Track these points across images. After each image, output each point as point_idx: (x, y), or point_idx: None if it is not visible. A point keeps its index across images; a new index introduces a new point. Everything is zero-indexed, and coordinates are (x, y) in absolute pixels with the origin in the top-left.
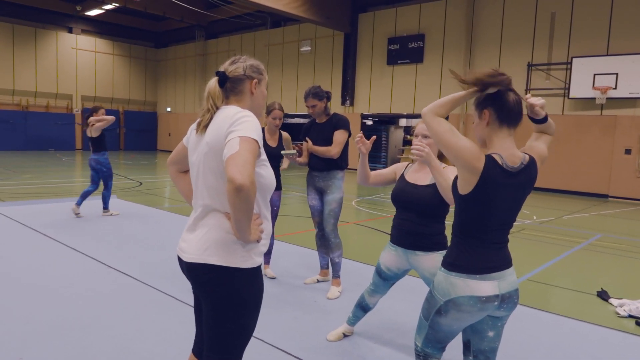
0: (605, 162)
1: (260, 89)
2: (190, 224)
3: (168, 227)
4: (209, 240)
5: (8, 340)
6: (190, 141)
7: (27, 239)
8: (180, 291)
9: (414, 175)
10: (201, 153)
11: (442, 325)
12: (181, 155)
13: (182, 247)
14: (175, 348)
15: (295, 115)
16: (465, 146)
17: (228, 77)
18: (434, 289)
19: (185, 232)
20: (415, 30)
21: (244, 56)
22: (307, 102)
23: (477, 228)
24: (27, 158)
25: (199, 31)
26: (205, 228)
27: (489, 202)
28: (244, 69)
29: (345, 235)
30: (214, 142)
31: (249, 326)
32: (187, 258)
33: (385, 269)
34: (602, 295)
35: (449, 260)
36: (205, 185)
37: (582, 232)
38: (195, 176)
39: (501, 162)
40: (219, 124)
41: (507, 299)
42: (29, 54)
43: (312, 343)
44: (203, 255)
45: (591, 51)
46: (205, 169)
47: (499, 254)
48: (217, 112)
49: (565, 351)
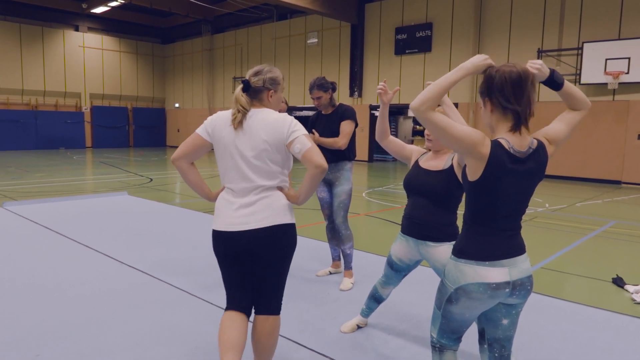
0: (618, 148)
1: (276, 96)
2: (242, 203)
3: (180, 223)
4: (276, 207)
5: (25, 337)
6: (220, 136)
7: (41, 237)
8: (194, 286)
9: (428, 162)
10: (257, 148)
11: (454, 314)
12: (197, 148)
13: (242, 221)
14: (190, 342)
15: (304, 108)
16: (468, 134)
17: (250, 86)
18: (444, 277)
19: (235, 211)
20: (423, 19)
21: (266, 67)
22: (313, 94)
23: (486, 215)
24: (38, 157)
25: (205, 26)
26: (267, 200)
27: (497, 188)
28: (263, 81)
29: (356, 227)
30: (273, 140)
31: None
32: (258, 225)
33: (397, 260)
34: (618, 282)
35: (459, 247)
36: (261, 171)
37: (595, 219)
38: (244, 164)
39: (508, 147)
40: (273, 125)
41: (518, 286)
42: (37, 53)
43: (326, 335)
44: (278, 218)
45: (602, 35)
46: (260, 158)
47: (510, 241)
48: (257, 114)
49: (581, 339)
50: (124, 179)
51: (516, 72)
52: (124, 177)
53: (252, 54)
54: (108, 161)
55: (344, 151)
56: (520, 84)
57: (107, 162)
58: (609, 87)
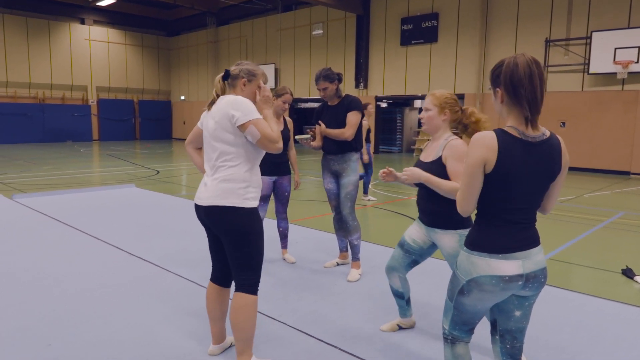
0: (627, 138)
1: (249, 86)
2: (204, 180)
3: (187, 215)
4: (220, 188)
5: (37, 326)
6: (202, 121)
7: (50, 229)
8: (200, 277)
9: (424, 153)
10: (211, 128)
11: (466, 306)
12: (196, 136)
13: (199, 197)
14: (199, 332)
15: (309, 99)
16: (471, 160)
17: (230, 74)
18: (457, 268)
19: (201, 186)
20: (429, 9)
21: (248, 62)
22: (319, 85)
23: (499, 207)
24: (46, 150)
25: (210, 18)
26: (217, 180)
27: (509, 177)
28: (240, 70)
29: (362, 219)
30: (220, 118)
31: (259, 247)
32: (205, 203)
33: (410, 241)
34: (627, 273)
35: (471, 239)
36: (214, 150)
37: (603, 210)
38: (206, 144)
39: (517, 134)
40: (223, 105)
41: (532, 278)
42: (43, 46)
43: (333, 325)
44: (217, 199)
45: (612, 24)
46: (215, 138)
47: (523, 233)
48: (220, 98)
49: (590, 330)
50: (131, 171)
51: (525, 61)
52: (131, 170)
53: (257, 46)
54: (115, 154)
55: (351, 142)
56: (530, 74)
57: (114, 155)
58: (618, 77)
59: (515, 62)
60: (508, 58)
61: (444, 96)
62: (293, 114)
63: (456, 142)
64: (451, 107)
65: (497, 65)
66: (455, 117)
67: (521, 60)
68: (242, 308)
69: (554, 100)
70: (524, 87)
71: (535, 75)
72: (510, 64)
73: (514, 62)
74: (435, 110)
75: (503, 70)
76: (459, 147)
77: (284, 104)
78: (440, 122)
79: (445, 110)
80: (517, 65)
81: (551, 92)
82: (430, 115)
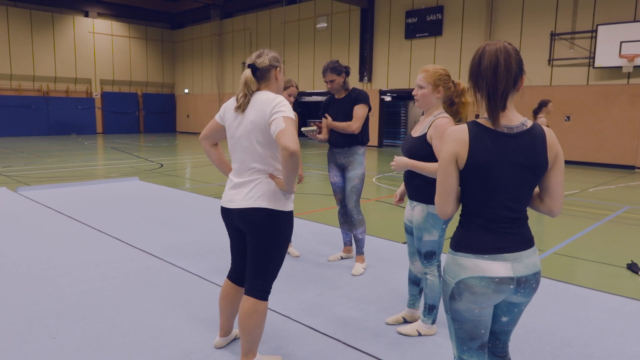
0: (632, 132)
1: (281, 74)
2: (236, 182)
3: (190, 208)
4: (260, 190)
5: (42, 318)
6: (226, 119)
7: (54, 221)
8: (204, 270)
9: (415, 128)
10: (246, 129)
11: (462, 312)
12: (214, 131)
13: (230, 199)
14: (202, 324)
15: (313, 93)
16: (442, 156)
17: (258, 68)
18: (444, 273)
19: (229, 189)
20: (434, 3)
21: (265, 49)
22: (326, 77)
23: (479, 203)
24: (50, 143)
25: (214, 11)
26: (254, 182)
27: (483, 170)
28: (269, 60)
29: (366, 212)
30: (259, 120)
31: (282, 256)
32: (240, 205)
33: (407, 222)
34: (632, 267)
35: (455, 239)
36: (252, 153)
37: (608, 205)
38: (239, 146)
39: (490, 125)
40: (260, 106)
41: (523, 283)
42: (48, 39)
43: (337, 318)
44: (257, 201)
45: (617, 18)
46: (247, 139)
47: (510, 233)
48: (254, 96)
49: (595, 324)
50: (135, 164)
51: (494, 50)
52: (134, 163)
53: (261, 39)
54: (119, 147)
55: (357, 135)
56: (496, 64)
57: (118, 148)
58: (623, 71)
59: (483, 51)
60: (483, 45)
61: (438, 72)
62: (297, 107)
63: (441, 120)
64: (444, 84)
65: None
66: (448, 93)
67: (490, 49)
68: (253, 315)
69: (559, 94)
70: (485, 79)
71: (500, 65)
72: (478, 52)
73: (482, 50)
74: (429, 87)
75: (472, 62)
76: (443, 126)
77: (289, 97)
78: (434, 100)
79: (439, 87)
80: (484, 54)
81: (556, 86)
82: (424, 92)
